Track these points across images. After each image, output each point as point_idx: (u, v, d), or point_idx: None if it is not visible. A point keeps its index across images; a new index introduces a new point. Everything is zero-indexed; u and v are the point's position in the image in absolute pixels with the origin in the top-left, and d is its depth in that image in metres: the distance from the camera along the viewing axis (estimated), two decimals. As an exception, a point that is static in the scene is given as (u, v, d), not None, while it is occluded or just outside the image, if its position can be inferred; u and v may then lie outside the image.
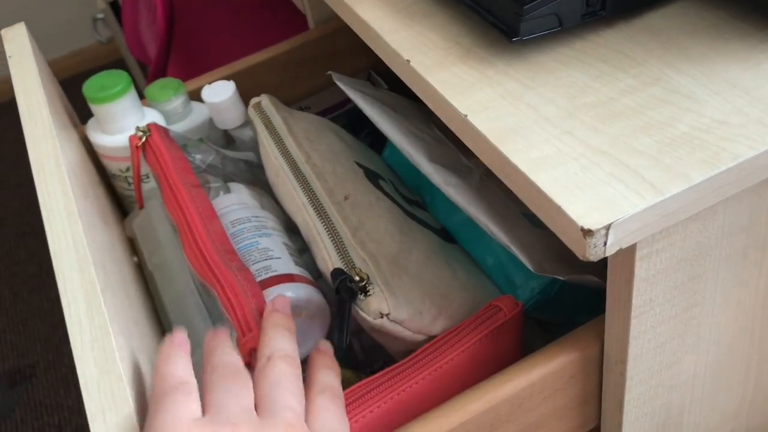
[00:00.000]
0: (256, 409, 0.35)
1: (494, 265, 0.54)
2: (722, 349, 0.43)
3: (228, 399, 0.34)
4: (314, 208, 0.52)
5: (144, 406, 0.35)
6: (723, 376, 0.45)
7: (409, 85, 0.43)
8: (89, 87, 0.60)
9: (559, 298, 0.51)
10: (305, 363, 0.48)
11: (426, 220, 0.57)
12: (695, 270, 0.37)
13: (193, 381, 0.35)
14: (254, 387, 0.36)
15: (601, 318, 0.41)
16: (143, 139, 0.57)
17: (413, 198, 0.61)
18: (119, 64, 2.24)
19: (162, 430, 0.31)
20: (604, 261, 0.35)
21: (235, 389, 0.35)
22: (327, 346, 0.43)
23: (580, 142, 0.35)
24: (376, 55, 0.47)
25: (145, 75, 1.59)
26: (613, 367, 0.41)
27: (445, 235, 0.57)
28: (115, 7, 1.53)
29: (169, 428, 0.32)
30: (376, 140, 0.70)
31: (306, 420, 0.36)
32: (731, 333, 0.43)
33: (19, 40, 0.59)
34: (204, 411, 0.34)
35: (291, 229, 0.57)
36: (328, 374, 0.40)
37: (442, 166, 0.52)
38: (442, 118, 0.40)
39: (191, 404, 0.34)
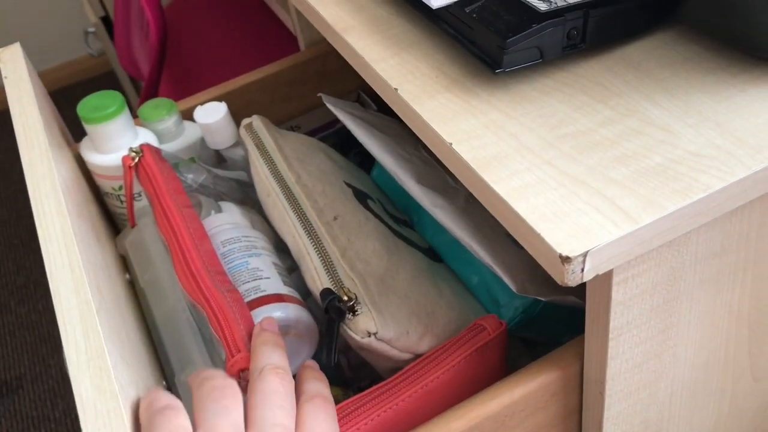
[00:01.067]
0: (246, 423, 0.36)
1: (479, 284, 0.56)
2: (698, 368, 0.45)
3: (217, 417, 0.35)
4: (304, 228, 0.53)
5: (139, 425, 0.36)
6: (699, 394, 0.47)
7: (396, 112, 0.44)
8: (83, 107, 0.61)
9: (542, 317, 0.52)
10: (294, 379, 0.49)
11: (413, 239, 0.59)
12: (670, 294, 0.39)
13: (180, 403, 0.36)
14: (245, 402, 0.37)
15: (582, 337, 0.42)
16: (136, 160, 0.58)
17: (401, 217, 0.62)
18: (110, 76, 2.25)
19: None
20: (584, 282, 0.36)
21: (224, 405, 0.36)
22: (313, 363, 0.44)
23: (559, 172, 0.36)
24: (365, 77, 0.48)
25: (137, 89, 1.60)
26: (592, 386, 0.42)
27: (432, 254, 0.59)
28: (107, 22, 1.54)
29: None
30: (365, 160, 0.71)
31: (296, 430, 0.37)
32: (706, 353, 0.44)
33: (15, 61, 0.60)
34: (194, 430, 0.35)
35: (281, 248, 0.59)
36: (317, 383, 0.41)
37: (430, 188, 0.53)
38: (428, 145, 0.42)
39: (182, 421, 0.35)
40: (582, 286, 0.45)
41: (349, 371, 0.56)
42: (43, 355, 1.63)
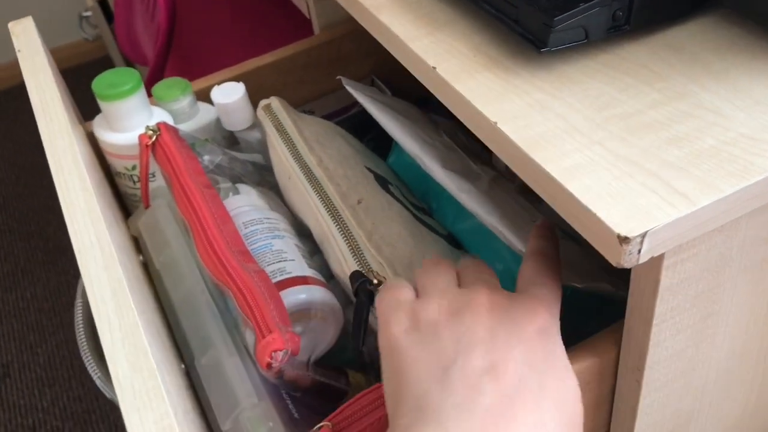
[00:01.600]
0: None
1: (504, 271, 0.55)
2: (733, 358, 0.44)
3: (432, 280, 0.40)
4: (328, 212, 0.52)
5: (174, 404, 0.34)
6: (731, 384, 0.46)
7: (433, 92, 0.43)
8: (99, 84, 0.59)
9: (569, 305, 0.51)
10: (319, 363, 0.48)
11: (434, 226, 0.58)
12: (715, 280, 0.38)
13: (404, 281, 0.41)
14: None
15: (619, 324, 0.42)
16: (153, 139, 0.57)
17: (419, 204, 0.61)
18: (104, 61, 2.22)
19: (383, 311, 0.39)
20: (617, 270, 0.35)
21: (437, 270, 0.41)
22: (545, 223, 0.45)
23: (611, 152, 0.35)
24: (379, 62, 0.47)
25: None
26: (629, 374, 0.42)
27: (453, 241, 0.58)
28: (104, 5, 1.52)
29: (389, 308, 0.38)
30: (378, 146, 0.70)
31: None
32: (742, 342, 0.44)
33: (28, 34, 0.58)
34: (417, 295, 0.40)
35: (298, 231, 0.57)
36: (541, 241, 0.43)
37: (455, 173, 0.53)
38: (469, 126, 0.41)
39: (404, 291, 0.40)
40: (617, 274, 0.44)
41: (368, 357, 0.55)
42: (31, 343, 1.61)
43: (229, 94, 0.62)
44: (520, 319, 0.37)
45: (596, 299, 0.50)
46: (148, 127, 0.57)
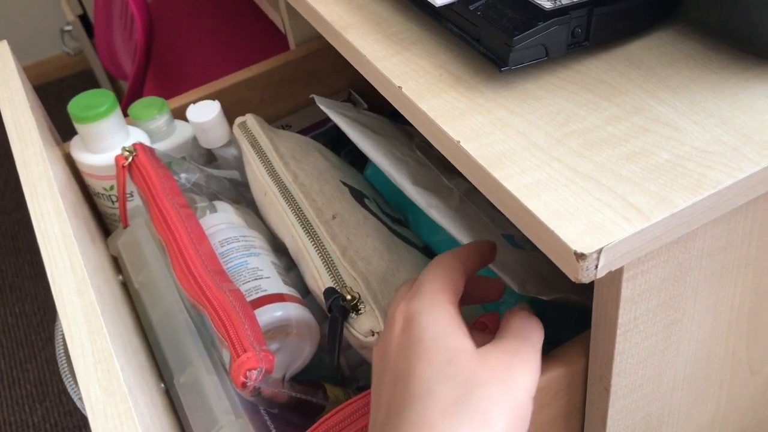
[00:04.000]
0: None
1: (476, 281, 0.56)
2: (699, 362, 0.45)
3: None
4: (303, 228, 0.53)
5: (147, 425, 0.35)
6: (699, 388, 0.47)
7: (400, 111, 0.44)
8: (75, 106, 0.60)
9: (541, 315, 0.52)
10: (297, 379, 0.49)
11: (410, 237, 0.59)
12: (676, 289, 0.39)
13: None
14: None
15: (586, 335, 0.42)
16: (129, 159, 0.57)
17: (396, 216, 0.62)
18: (86, 74, 2.22)
19: None
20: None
21: None
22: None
23: (569, 169, 0.36)
24: (356, 75, 0.48)
25: (115, 87, 1.58)
26: (597, 382, 0.43)
27: (429, 253, 0.59)
28: (85, 20, 1.52)
29: None
30: (356, 159, 0.71)
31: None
32: (707, 347, 0.45)
33: (3, 59, 0.59)
34: None
35: (275, 246, 0.58)
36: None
37: (425, 189, 0.53)
38: (434, 144, 0.42)
39: None
40: (582, 285, 0.45)
41: (347, 370, 0.56)
42: (21, 359, 1.60)
43: (205, 112, 0.63)
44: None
45: (569, 308, 0.51)
46: (124, 148, 0.57)
